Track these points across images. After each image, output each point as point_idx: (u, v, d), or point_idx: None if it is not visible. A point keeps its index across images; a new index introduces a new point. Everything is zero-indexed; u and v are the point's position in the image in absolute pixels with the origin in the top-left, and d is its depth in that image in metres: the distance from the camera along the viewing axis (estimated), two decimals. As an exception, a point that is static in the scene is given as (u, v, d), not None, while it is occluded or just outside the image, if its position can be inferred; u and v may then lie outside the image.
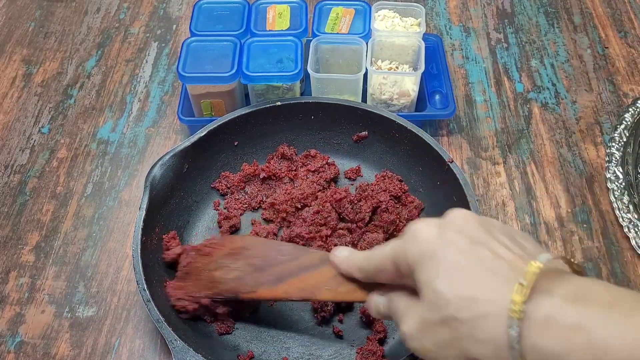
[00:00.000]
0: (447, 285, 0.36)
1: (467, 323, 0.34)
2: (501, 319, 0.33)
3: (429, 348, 0.38)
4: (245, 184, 0.67)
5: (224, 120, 0.65)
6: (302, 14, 0.74)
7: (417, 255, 0.38)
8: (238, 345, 0.56)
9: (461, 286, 0.35)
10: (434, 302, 0.36)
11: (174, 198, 0.62)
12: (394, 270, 0.41)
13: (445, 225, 0.38)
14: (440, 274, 0.36)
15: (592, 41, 0.86)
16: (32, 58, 0.85)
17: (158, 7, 0.93)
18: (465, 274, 0.36)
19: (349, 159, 0.70)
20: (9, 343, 0.58)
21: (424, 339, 0.38)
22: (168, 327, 0.50)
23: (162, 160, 0.61)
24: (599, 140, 0.74)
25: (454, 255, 0.37)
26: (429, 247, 0.38)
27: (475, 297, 0.35)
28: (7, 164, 0.73)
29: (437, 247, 0.37)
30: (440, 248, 0.37)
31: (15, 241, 0.65)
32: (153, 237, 0.58)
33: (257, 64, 0.68)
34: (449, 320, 0.35)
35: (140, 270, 0.53)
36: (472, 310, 0.34)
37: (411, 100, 0.71)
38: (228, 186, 0.67)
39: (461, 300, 0.35)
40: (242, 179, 0.67)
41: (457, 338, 0.35)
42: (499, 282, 0.34)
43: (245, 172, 0.67)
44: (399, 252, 0.40)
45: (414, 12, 0.75)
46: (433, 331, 0.37)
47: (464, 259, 0.36)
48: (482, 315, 0.34)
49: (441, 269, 0.36)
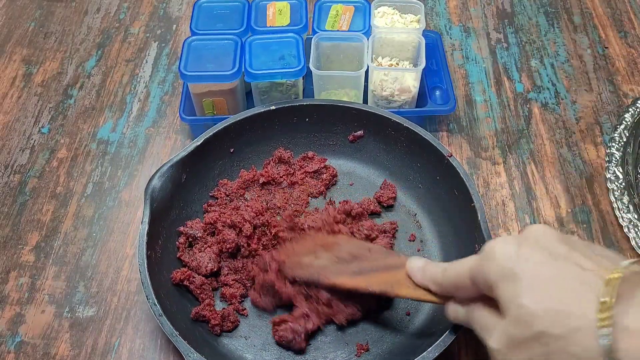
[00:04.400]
0: (533, 301, 0.35)
1: (560, 338, 0.34)
2: (594, 332, 0.33)
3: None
4: (245, 191, 0.67)
5: (220, 128, 0.64)
6: (302, 10, 0.74)
7: (497, 273, 0.38)
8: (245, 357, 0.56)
9: (548, 300, 0.35)
10: (521, 319, 0.36)
11: (174, 209, 0.61)
12: (471, 287, 0.41)
13: (523, 241, 0.38)
14: (524, 290, 0.36)
15: (592, 41, 0.86)
16: (32, 58, 0.85)
17: (158, 7, 0.93)
18: (550, 287, 0.35)
19: (346, 159, 0.70)
20: (9, 343, 0.58)
21: (513, 356, 0.37)
22: (183, 341, 0.49)
23: (161, 172, 0.59)
24: (599, 140, 0.74)
25: (535, 270, 0.36)
26: (508, 265, 0.37)
27: (564, 310, 0.34)
28: (7, 164, 0.72)
29: (517, 263, 0.37)
30: (520, 264, 0.37)
31: (15, 241, 0.65)
32: (157, 249, 0.57)
33: (259, 61, 0.68)
34: (539, 336, 0.35)
35: (149, 284, 0.52)
36: (563, 324, 0.34)
37: (412, 96, 0.71)
38: (227, 194, 0.66)
39: (551, 315, 0.34)
40: (241, 186, 0.66)
41: (549, 353, 0.35)
42: (586, 294, 0.34)
43: (243, 178, 0.67)
44: (477, 271, 0.40)
45: (413, 9, 0.76)
46: (523, 348, 0.36)
47: (545, 273, 0.36)
48: (575, 329, 0.33)
49: (524, 285, 0.36)
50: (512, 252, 0.37)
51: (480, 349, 0.56)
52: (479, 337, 0.42)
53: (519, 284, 0.36)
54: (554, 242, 0.37)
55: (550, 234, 0.38)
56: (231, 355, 0.55)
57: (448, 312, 0.46)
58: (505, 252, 0.38)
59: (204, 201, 0.65)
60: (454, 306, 0.45)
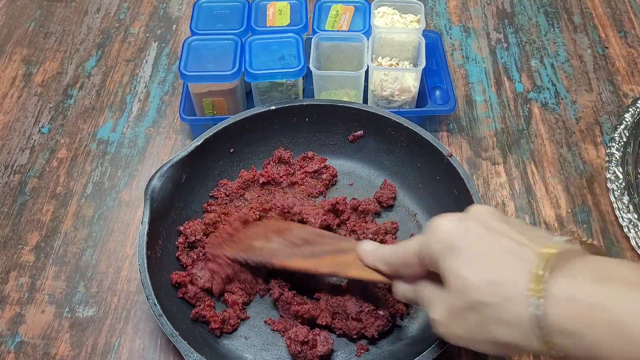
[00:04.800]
0: (471, 272, 0.37)
1: (493, 306, 0.36)
2: (524, 300, 0.34)
3: (459, 334, 0.39)
4: (245, 191, 0.67)
5: (220, 128, 0.64)
6: (302, 10, 0.74)
7: (440, 246, 0.39)
8: (245, 357, 0.56)
9: (484, 271, 0.37)
10: (460, 289, 0.38)
11: (174, 209, 0.61)
12: (418, 265, 0.43)
13: (466, 217, 0.40)
14: (463, 261, 0.38)
15: (592, 41, 0.86)
16: (32, 58, 0.85)
17: (158, 7, 0.93)
18: (488, 259, 0.37)
19: (346, 159, 0.70)
20: (9, 343, 0.58)
21: (453, 326, 0.39)
22: (183, 341, 0.49)
23: (161, 172, 0.59)
24: (599, 140, 0.74)
25: (475, 243, 0.38)
26: (451, 238, 0.39)
27: (498, 280, 0.36)
28: (7, 164, 0.72)
29: (458, 237, 0.39)
30: (461, 238, 0.39)
31: (15, 241, 0.65)
32: (157, 249, 0.57)
33: (259, 61, 0.68)
34: (475, 305, 0.37)
35: (149, 284, 0.53)
36: (496, 293, 0.36)
37: (412, 96, 0.71)
38: (227, 194, 0.66)
39: (486, 285, 0.36)
40: (241, 186, 0.66)
41: (485, 322, 0.37)
42: (520, 265, 0.36)
43: (243, 178, 0.67)
44: (422, 246, 0.42)
45: (413, 9, 0.76)
46: (461, 317, 0.38)
47: (485, 246, 0.38)
48: (507, 297, 0.35)
49: (464, 257, 0.38)
50: (453, 227, 0.39)
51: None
52: (424, 310, 0.44)
53: (459, 256, 0.38)
54: (495, 220, 0.39)
55: (491, 212, 0.40)
56: (231, 355, 0.55)
57: (396, 291, 0.48)
58: (447, 227, 0.40)
59: (204, 201, 0.65)
60: (402, 285, 0.47)
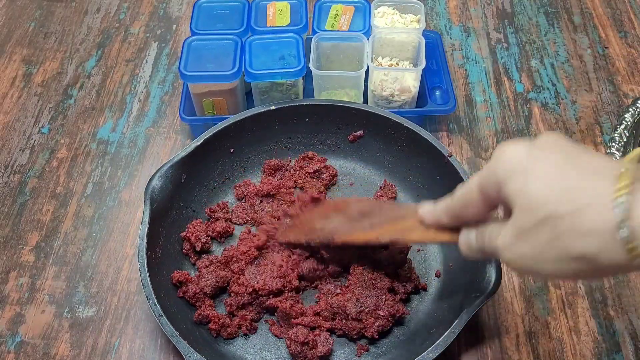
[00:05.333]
0: (541, 185, 0.34)
1: (569, 216, 0.33)
2: (606, 205, 0.32)
3: (527, 254, 0.36)
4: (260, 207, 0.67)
5: (220, 128, 0.64)
6: (302, 10, 0.74)
7: (506, 170, 0.37)
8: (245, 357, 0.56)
9: (558, 181, 0.34)
10: (529, 206, 0.35)
11: (174, 209, 0.61)
12: (481, 200, 0.40)
13: (535, 143, 0.37)
14: (533, 178, 0.35)
15: (592, 41, 0.86)
16: (32, 58, 0.85)
17: (158, 7, 0.93)
18: (562, 171, 0.34)
19: (346, 159, 0.70)
20: (9, 343, 0.58)
21: (519, 247, 0.36)
22: (183, 341, 0.50)
23: (161, 172, 0.60)
24: (599, 140, 0.74)
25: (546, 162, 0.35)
26: (518, 160, 0.36)
27: (576, 186, 0.33)
28: (7, 164, 0.72)
29: (526, 157, 0.36)
30: (529, 158, 0.36)
31: (15, 241, 0.65)
32: (157, 250, 0.57)
33: (259, 61, 0.68)
34: (547, 218, 0.34)
35: (149, 284, 0.53)
36: (574, 201, 0.33)
37: (412, 96, 0.71)
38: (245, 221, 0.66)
39: (561, 193, 0.33)
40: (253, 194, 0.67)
41: (558, 236, 0.34)
42: (599, 175, 0.33)
43: (251, 190, 0.66)
44: (484, 177, 0.39)
45: (413, 9, 0.76)
46: (530, 236, 0.35)
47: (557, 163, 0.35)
48: (586, 204, 0.32)
49: (534, 175, 0.35)
50: (523, 151, 0.37)
51: (480, 349, 0.57)
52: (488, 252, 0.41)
53: (529, 175, 0.35)
54: (567, 144, 0.36)
55: (563, 138, 0.37)
56: (231, 355, 0.55)
57: (461, 244, 0.44)
58: (516, 151, 0.37)
59: (204, 201, 0.66)
60: (466, 234, 0.44)
